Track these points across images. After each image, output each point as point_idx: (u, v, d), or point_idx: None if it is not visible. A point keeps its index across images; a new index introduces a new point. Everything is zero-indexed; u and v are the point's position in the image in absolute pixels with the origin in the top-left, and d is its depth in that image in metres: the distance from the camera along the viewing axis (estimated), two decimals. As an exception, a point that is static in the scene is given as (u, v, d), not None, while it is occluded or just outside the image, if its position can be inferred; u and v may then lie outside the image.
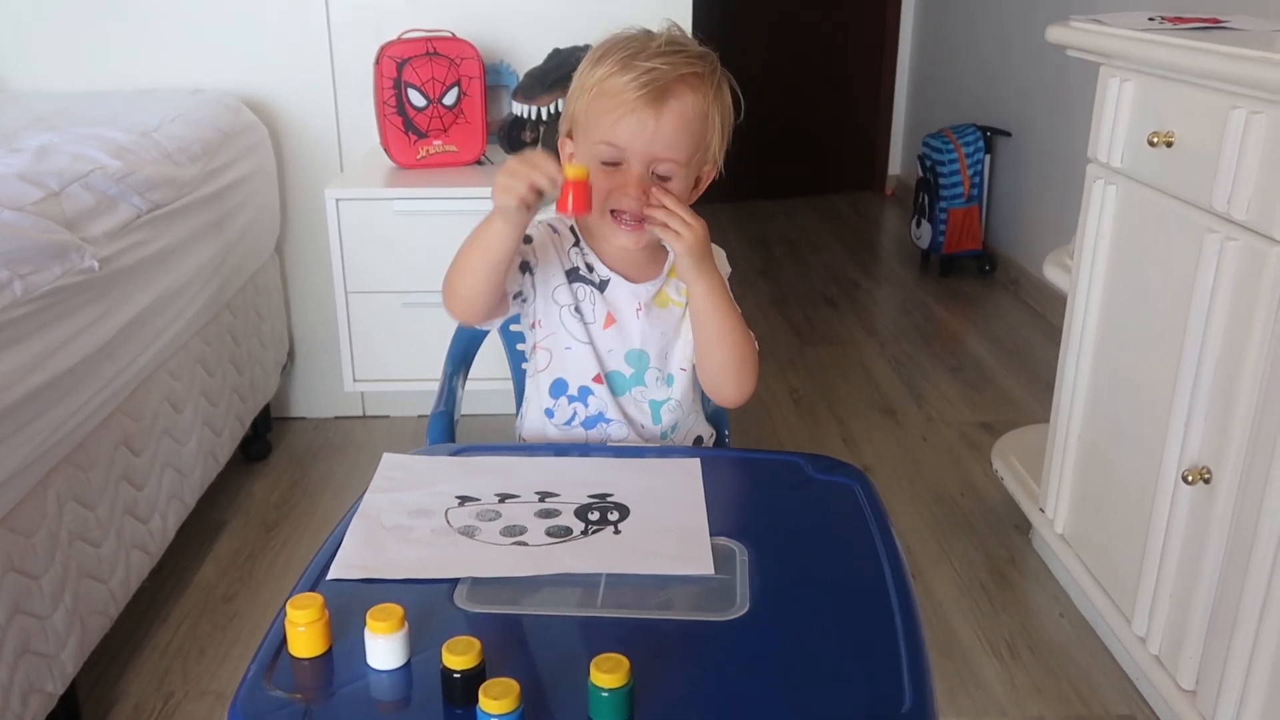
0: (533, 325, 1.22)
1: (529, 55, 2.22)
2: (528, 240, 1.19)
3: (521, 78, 2.16)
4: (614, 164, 1.12)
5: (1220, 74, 1.32)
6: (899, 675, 0.78)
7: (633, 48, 1.11)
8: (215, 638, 1.77)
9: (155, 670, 1.68)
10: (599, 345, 1.21)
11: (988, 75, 3.87)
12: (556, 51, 2.13)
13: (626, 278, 1.20)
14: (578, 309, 1.20)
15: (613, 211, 1.14)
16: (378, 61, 2.04)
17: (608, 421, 1.22)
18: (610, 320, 1.20)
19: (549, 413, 1.23)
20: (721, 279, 1.17)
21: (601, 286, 1.20)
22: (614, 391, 1.22)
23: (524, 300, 1.21)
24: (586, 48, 2.13)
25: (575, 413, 1.22)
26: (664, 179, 1.12)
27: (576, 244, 1.21)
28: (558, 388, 1.22)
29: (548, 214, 1.19)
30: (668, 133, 1.10)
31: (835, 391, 2.75)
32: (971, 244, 3.65)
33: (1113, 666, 1.70)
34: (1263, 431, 1.27)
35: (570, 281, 1.20)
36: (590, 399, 1.22)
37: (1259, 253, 1.27)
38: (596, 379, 1.21)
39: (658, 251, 1.20)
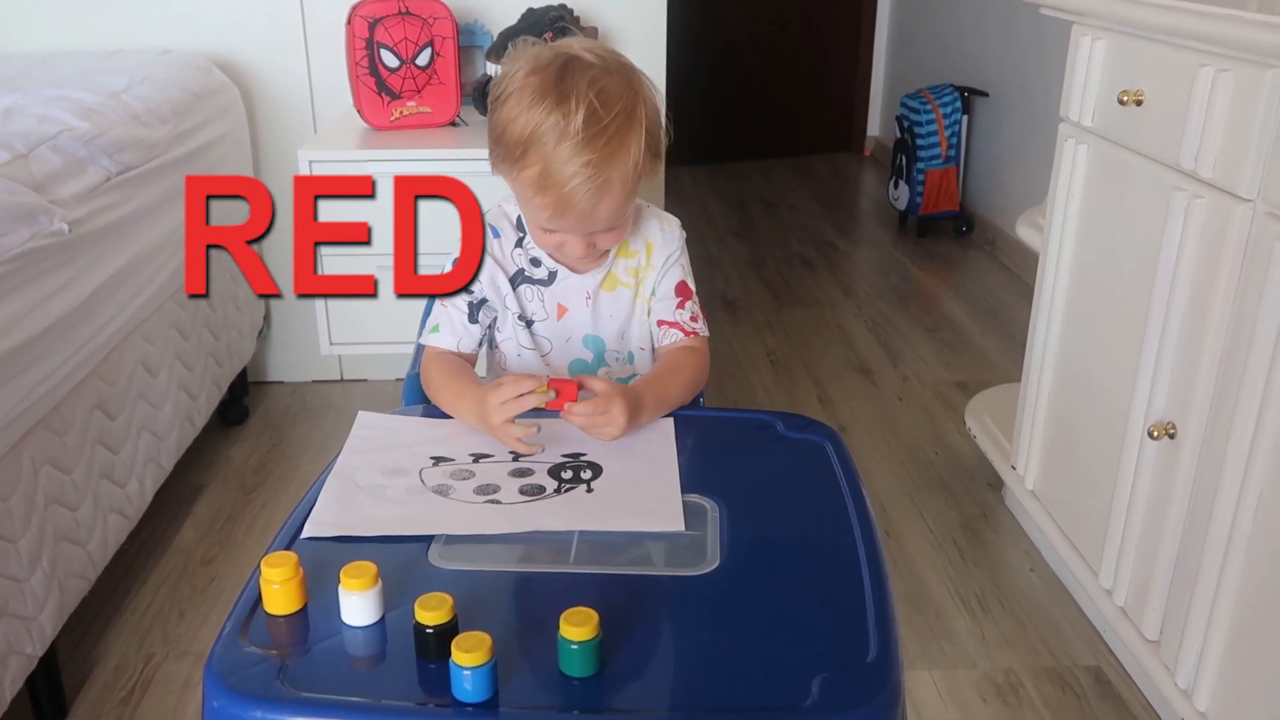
0: (493, 325, 1.23)
1: (502, 15, 2.19)
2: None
3: (495, 38, 2.14)
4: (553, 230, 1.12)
5: (1188, 31, 1.33)
6: (865, 626, 0.80)
7: (556, 128, 1.02)
8: (195, 600, 1.77)
9: (135, 632, 1.69)
10: (555, 337, 1.22)
11: (966, 35, 3.86)
12: (530, 11, 2.11)
13: (573, 269, 1.20)
14: (522, 316, 1.21)
15: None
16: (349, 21, 2.02)
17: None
18: (562, 310, 1.21)
19: None
20: (663, 408, 1.11)
21: (549, 279, 1.21)
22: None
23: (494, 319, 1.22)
24: (561, 8, 2.14)
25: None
26: (607, 230, 1.12)
27: (520, 242, 1.20)
28: None
29: (489, 210, 1.19)
30: (605, 213, 1.07)
31: (812, 352, 2.76)
32: (949, 205, 3.66)
33: (1081, 619, 1.73)
34: (1226, 387, 1.29)
35: (515, 286, 1.20)
36: None
37: (1224, 210, 1.28)
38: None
39: None
